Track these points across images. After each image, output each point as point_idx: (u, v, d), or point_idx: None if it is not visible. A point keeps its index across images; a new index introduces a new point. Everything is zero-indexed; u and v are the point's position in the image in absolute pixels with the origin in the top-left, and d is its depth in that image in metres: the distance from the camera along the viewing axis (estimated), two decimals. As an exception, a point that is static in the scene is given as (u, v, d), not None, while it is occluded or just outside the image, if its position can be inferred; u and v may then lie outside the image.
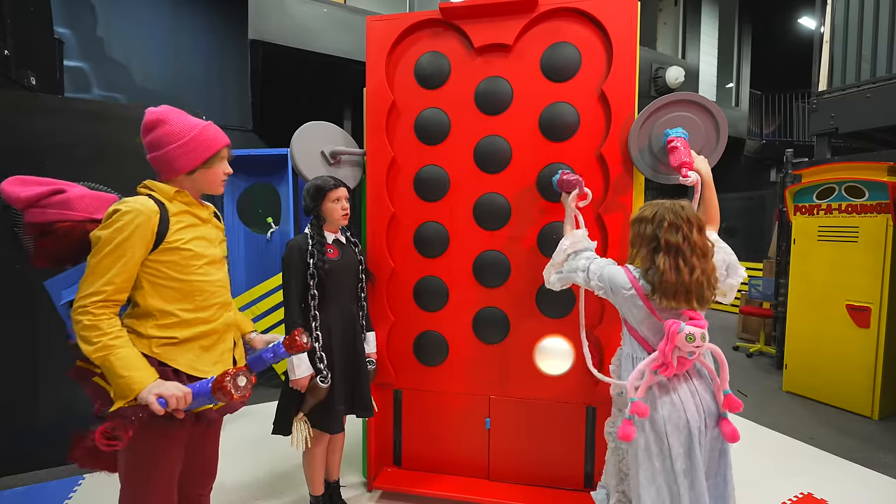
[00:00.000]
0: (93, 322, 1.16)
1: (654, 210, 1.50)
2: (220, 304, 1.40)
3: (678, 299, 1.41)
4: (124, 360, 1.16)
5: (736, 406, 1.43)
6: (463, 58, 2.19)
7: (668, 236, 1.43)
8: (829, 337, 3.72)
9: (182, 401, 1.17)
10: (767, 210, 7.54)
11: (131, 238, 1.19)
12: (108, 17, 6.85)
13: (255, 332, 1.66)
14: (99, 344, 1.15)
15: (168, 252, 1.26)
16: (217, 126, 1.39)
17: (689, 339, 1.35)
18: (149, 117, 1.32)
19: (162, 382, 1.18)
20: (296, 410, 1.90)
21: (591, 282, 1.63)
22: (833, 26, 4.81)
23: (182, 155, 1.30)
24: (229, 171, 1.42)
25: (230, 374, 1.14)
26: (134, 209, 1.20)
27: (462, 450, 2.31)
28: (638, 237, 1.52)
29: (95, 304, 1.16)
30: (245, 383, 1.16)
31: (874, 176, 3.44)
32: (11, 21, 3.32)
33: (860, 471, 2.72)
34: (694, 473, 1.42)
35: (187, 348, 1.30)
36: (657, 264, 1.43)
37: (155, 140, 1.31)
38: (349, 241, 2.06)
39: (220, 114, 7.65)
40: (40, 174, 1.31)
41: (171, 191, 1.32)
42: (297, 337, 1.48)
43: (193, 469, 1.45)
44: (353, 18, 5.43)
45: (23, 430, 2.63)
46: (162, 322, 1.27)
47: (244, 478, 2.56)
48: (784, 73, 10.06)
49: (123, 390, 1.16)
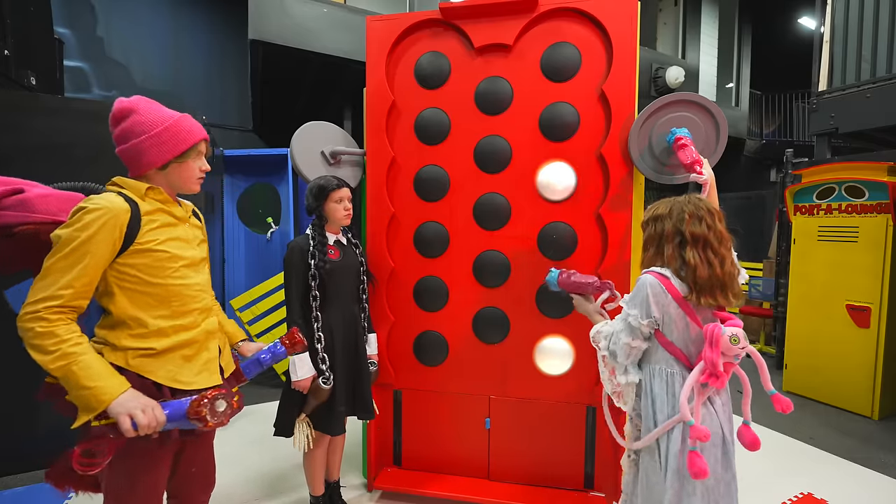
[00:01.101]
0: (47, 329, 1.03)
1: (668, 206, 1.41)
2: (200, 310, 1.29)
3: (715, 295, 1.30)
4: (88, 370, 1.04)
5: (786, 405, 1.31)
6: (463, 58, 2.19)
7: (693, 228, 1.33)
8: (829, 337, 3.72)
9: (153, 425, 1.07)
10: (767, 210, 7.53)
11: (95, 238, 1.07)
12: (108, 17, 6.85)
13: (244, 340, 1.58)
14: (57, 352, 1.03)
15: (139, 254, 1.16)
16: (194, 119, 1.29)
17: (733, 342, 1.23)
18: (117, 106, 1.22)
19: (134, 394, 1.08)
20: (297, 411, 1.90)
21: (642, 329, 1.38)
22: (833, 26, 4.81)
23: (152, 147, 1.20)
24: (207, 167, 1.32)
25: (208, 397, 1.05)
26: (101, 207, 1.09)
27: (462, 450, 2.31)
28: (656, 236, 1.41)
29: (50, 310, 1.04)
30: (224, 408, 1.07)
31: (874, 176, 3.45)
32: (11, 21, 3.32)
33: (860, 471, 2.72)
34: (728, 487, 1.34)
35: (167, 359, 1.20)
36: (687, 260, 1.32)
37: (124, 131, 1.21)
38: (350, 241, 2.06)
39: (220, 114, 7.65)
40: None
41: (143, 187, 1.21)
42: (296, 334, 1.44)
43: (190, 479, 1.38)
44: (353, 18, 5.43)
45: (23, 430, 2.63)
46: (136, 331, 1.17)
47: (244, 478, 2.55)
48: (784, 73, 10.06)
49: (90, 402, 1.04)
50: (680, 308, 1.34)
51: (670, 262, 1.36)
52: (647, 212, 1.47)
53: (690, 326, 1.35)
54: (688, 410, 1.26)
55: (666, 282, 1.35)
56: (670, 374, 1.37)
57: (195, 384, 1.24)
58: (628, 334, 1.39)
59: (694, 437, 1.23)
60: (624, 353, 1.42)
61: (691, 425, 1.25)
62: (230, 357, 1.46)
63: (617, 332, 1.43)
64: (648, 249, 1.45)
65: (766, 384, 1.35)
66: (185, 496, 1.40)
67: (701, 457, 1.24)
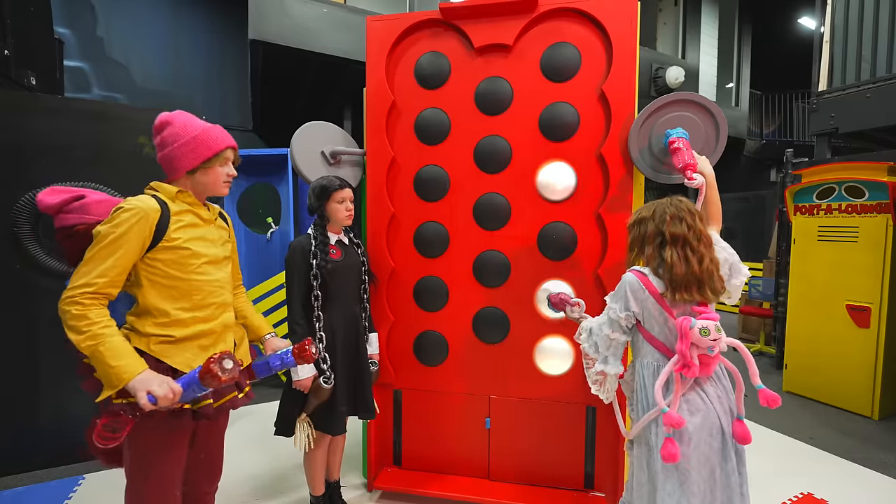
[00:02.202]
0: (81, 312, 1.16)
1: (651, 208, 1.49)
2: (218, 304, 1.40)
3: (691, 291, 1.38)
4: (113, 350, 1.17)
5: (773, 400, 1.31)
6: (463, 58, 2.19)
7: (673, 228, 1.41)
8: (829, 337, 3.72)
9: (170, 396, 1.17)
10: (767, 210, 7.54)
11: (128, 233, 1.21)
12: (108, 17, 6.85)
13: (272, 334, 1.67)
14: (88, 333, 1.16)
15: (166, 250, 1.29)
16: (224, 129, 1.41)
17: (703, 333, 1.30)
18: (158, 119, 1.38)
19: (151, 374, 1.19)
20: (298, 411, 1.90)
21: (620, 322, 1.49)
22: (833, 26, 4.82)
23: (182, 155, 1.34)
24: (233, 173, 1.44)
25: (214, 358, 1.14)
26: (135, 206, 1.24)
27: (462, 450, 2.31)
28: (639, 238, 1.50)
29: (85, 295, 1.17)
30: (231, 366, 1.15)
31: (874, 176, 3.45)
32: (11, 21, 3.32)
33: (860, 471, 2.72)
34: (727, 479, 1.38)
35: (184, 347, 1.32)
36: (665, 258, 1.40)
37: (161, 140, 1.36)
38: (352, 241, 2.06)
39: (220, 114, 7.65)
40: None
41: (174, 191, 1.35)
42: (308, 346, 1.44)
43: (199, 466, 1.45)
44: (353, 18, 5.44)
45: (23, 430, 2.63)
46: (159, 320, 1.29)
47: (245, 478, 2.55)
48: (784, 73, 10.06)
49: (112, 380, 1.17)
50: (658, 303, 1.43)
51: (650, 261, 1.47)
52: (633, 215, 1.56)
53: (668, 321, 1.43)
54: (661, 397, 1.35)
55: (644, 279, 1.45)
56: (656, 367, 1.47)
57: None
58: (609, 326, 1.53)
59: (667, 423, 1.31)
60: (605, 344, 1.54)
61: (665, 412, 1.32)
62: (247, 351, 1.57)
63: (600, 324, 1.56)
64: (633, 250, 1.55)
65: (753, 378, 1.37)
66: (191, 482, 1.45)
67: (674, 442, 1.32)
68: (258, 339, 1.67)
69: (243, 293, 1.68)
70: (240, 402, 1.42)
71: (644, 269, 1.48)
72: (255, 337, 1.67)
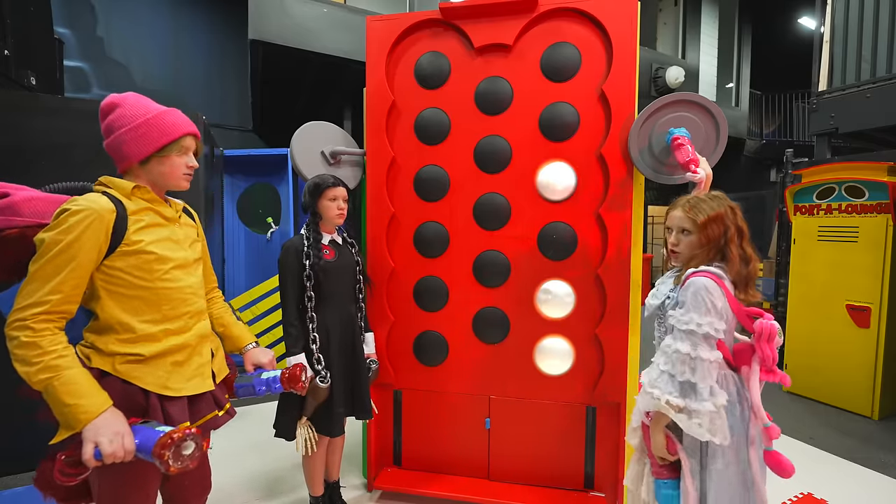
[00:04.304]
0: (32, 339, 0.99)
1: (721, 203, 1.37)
2: (192, 313, 1.24)
3: (747, 290, 1.30)
4: (70, 385, 1.00)
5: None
6: (463, 58, 2.19)
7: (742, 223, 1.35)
8: (829, 337, 3.72)
9: (119, 455, 1.01)
10: (767, 210, 7.53)
11: (81, 240, 1.03)
12: (108, 17, 6.85)
13: (253, 343, 1.52)
14: (39, 365, 0.99)
15: (127, 256, 1.11)
16: (183, 114, 1.23)
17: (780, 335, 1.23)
18: (106, 101, 1.19)
19: (107, 420, 1.02)
20: (297, 413, 1.90)
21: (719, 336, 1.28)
22: (833, 26, 4.81)
23: (132, 140, 1.14)
24: (194, 164, 1.24)
25: (174, 440, 0.97)
26: (85, 208, 1.05)
27: (462, 450, 2.31)
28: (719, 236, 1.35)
29: (36, 318, 1.00)
30: (192, 450, 0.99)
31: (874, 176, 3.44)
32: (11, 21, 3.32)
33: (860, 471, 2.72)
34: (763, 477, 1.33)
35: (156, 365, 1.16)
36: (731, 257, 1.31)
37: (108, 125, 1.17)
38: (346, 241, 2.06)
39: (220, 114, 7.66)
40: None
41: (129, 186, 1.16)
42: (299, 373, 1.39)
43: (185, 486, 1.35)
44: (353, 18, 5.44)
45: (23, 430, 2.62)
46: (123, 336, 1.12)
47: (244, 479, 2.55)
48: (784, 73, 10.07)
49: (69, 421, 1.01)
50: (730, 307, 1.29)
51: (734, 261, 1.31)
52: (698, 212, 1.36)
53: (736, 325, 1.33)
54: (763, 412, 1.23)
55: (720, 281, 1.29)
56: (723, 375, 1.32)
57: (185, 390, 1.21)
58: (707, 349, 1.24)
59: (773, 437, 1.22)
60: (708, 373, 1.24)
61: (768, 426, 1.22)
62: (223, 362, 1.41)
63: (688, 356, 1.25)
64: (705, 250, 1.36)
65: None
66: (180, 501, 1.38)
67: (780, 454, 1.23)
68: (238, 350, 1.51)
69: (219, 297, 1.53)
70: (221, 420, 1.30)
71: (716, 271, 1.32)
72: (234, 348, 1.52)
